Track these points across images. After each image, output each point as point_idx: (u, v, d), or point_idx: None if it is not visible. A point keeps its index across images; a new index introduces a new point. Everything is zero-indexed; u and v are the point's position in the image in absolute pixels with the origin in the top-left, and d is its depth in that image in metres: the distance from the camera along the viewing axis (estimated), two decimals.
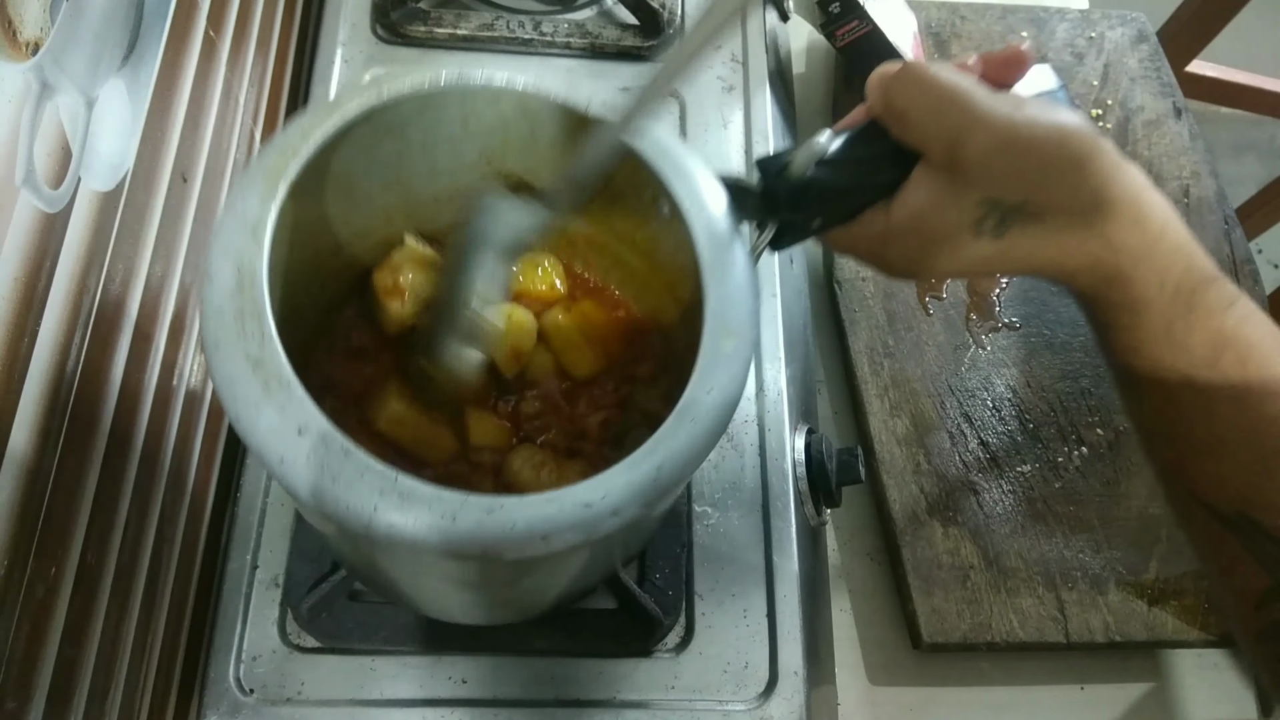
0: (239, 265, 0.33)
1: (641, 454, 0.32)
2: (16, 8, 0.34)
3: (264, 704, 0.50)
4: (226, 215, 0.34)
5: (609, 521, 0.31)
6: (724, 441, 0.59)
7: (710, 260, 0.36)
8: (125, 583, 0.44)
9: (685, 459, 0.32)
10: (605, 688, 0.52)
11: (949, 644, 0.60)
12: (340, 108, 0.38)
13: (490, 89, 0.40)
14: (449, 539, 0.30)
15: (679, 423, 0.33)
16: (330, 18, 0.71)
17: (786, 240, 0.41)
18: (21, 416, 0.34)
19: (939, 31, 0.86)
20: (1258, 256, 0.82)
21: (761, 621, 0.54)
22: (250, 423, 0.31)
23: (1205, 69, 1.36)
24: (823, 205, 0.39)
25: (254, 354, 0.31)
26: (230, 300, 0.32)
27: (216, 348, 0.32)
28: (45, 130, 0.36)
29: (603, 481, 0.31)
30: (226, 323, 0.32)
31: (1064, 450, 0.67)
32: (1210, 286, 0.37)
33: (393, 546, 0.31)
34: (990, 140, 0.35)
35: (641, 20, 0.73)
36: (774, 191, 0.39)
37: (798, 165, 0.38)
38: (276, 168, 0.35)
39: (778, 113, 0.73)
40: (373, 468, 0.30)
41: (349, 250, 0.46)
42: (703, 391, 0.33)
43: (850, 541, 0.67)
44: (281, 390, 0.31)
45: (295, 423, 0.30)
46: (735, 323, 0.35)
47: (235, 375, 0.31)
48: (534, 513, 0.30)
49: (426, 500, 0.30)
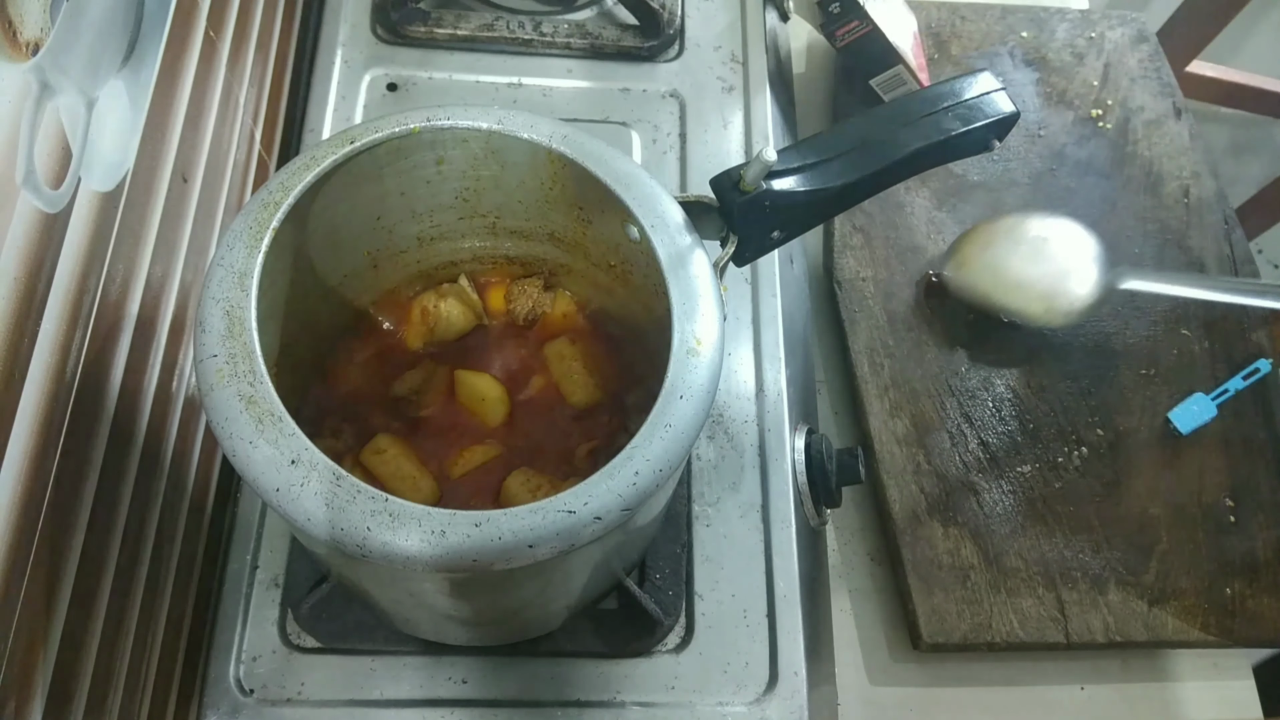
0: (228, 311, 0.35)
1: (619, 461, 0.34)
2: (17, 8, 0.34)
3: (264, 704, 0.50)
4: (215, 266, 0.37)
5: (592, 527, 0.32)
6: (724, 441, 0.59)
7: (674, 276, 0.38)
8: (125, 583, 0.44)
9: (661, 464, 0.34)
10: (605, 688, 0.52)
11: (949, 644, 0.60)
12: (315, 159, 0.40)
13: (458, 130, 0.42)
14: (440, 554, 0.31)
15: (653, 430, 0.34)
16: (330, 18, 0.71)
17: (749, 254, 0.43)
18: (21, 417, 0.34)
19: (939, 31, 0.86)
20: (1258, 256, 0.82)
21: (761, 622, 0.54)
22: (245, 457, 0.32)
23: (1205, 69, 1.36)
24: (778, 216, 0.41)
25: (246, 392, 0.33)
26: (222, 345, 0.34)
27: (210, 390, 0.34)
28: (45, 131, 0.36)
29: (584, 489, 0.33)
30: (219, 366, 0.34)
31: (1064, 451, 0.67)
32: None
33: (390, 567, 0.33)
34: None
35: (641, 20, 0.73)
36: (729, 206, 0.40)
37: (748, 180, 0.40)
38: (260, 220, 0.37)
39: (778, 113, 0.73)
40: (364, 491, 0.32)
41: (340, 293, 0.49)
42: (674, 399, 0.35)
43: (850, 542, 0.67)
44: (273, 425, 0.33)
45: (289, 455, 0.32)
46: (701, 333, 0.37)
47: (229, 414, 0.33)
48: (519, 523, 0.32)
49: (416, 518, 0.32)
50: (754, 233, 0.41)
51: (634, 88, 0.72)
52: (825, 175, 0.41)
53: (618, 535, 0.37)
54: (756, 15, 0.76)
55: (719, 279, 0.40)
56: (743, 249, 0.42)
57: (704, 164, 0.69)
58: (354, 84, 0.69)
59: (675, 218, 0.40)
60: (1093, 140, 0.82)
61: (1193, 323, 0.73)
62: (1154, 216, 0.78)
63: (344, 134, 0.41)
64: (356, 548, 0.31)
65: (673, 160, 0.69)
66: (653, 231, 0.39)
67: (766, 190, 0.40)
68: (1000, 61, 0.85)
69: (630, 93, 0.72)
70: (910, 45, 0.78)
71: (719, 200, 0.41)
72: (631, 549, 0.52)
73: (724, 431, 0.60)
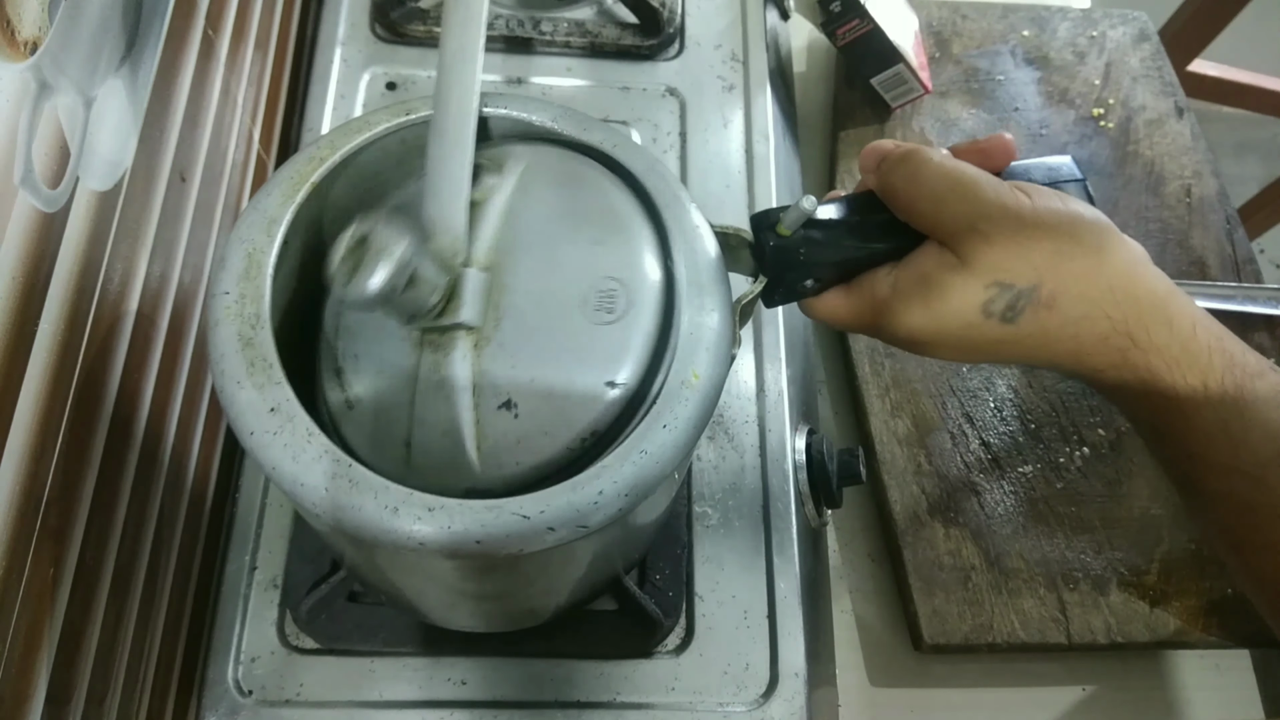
0: (249, 253, 0.35)
1: (586, 477, 0.32)
2: (15, 7, 0.34)
3: (263, 705, 0.50)
4: (249, 209, 0.36)
5: (545, 537, 0.31)
6: (724, 441, 0.59)
7: (688, 301, 0.36)
8: (124, 583, 0.44)
9: (627, 488, 0.32)
10: (605, 689, 0.52)
11: (950, 645, 0.60)
12: (370, 123, 0.39)
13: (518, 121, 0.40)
14: (379, 531, 0.31)
15: (628, 452, 0.32)
16: (329, 17, 0.71)
17: (778, 298, 0.41)
18: (19, 417, 0.34)
19: (940, 30, 0.86)
20: (1260, 256, 0.82)
21: (762, 623, 0.54)
22: (230, 395, 0.32)
23: (1207, 68, 1.36)
24: (814, 267, 0.39)
25: (246, 334, 0.33)
26: (236, 284, 0.34)
27: (215, 325, 0.33)
28: (43, 130, 0.36)
29: (543, 497, 0.31)
30: (228, 304, 0.34)
31: (1066, 451, 0.67)
32: (1259, 380, 0.34)
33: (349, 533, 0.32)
34: (999, 228, 0.34)
35: (641, 19, 0.72)
36: (763, 247, 0.39)
37: (785, 224, 0.38)
38: (302, 172, 0.37)
39: (778, 112, 0.73)
40: (330, 452, 0.31)
41: None
42: (657, 426, 0.33)
43: (851, 542, 0.67)
44: (263, 371, 0.32)
45: (270, 402, 0.32)
46: (700, 365, 0.34)
47: (226, 351, 0.33)
48: (472, 518, 0.31)
49: (374, 489, 0.31)
50: (786, 277, 0.40)
51: (634, 86, 0.72)
52: (866, 234, 0.39)
53: (591, 544, 0.37)
54: (757, 14, 0.76)
55: (737, 317, 0.38)
56: (771, 290, 0.40)
57: (704, 163, 0.69)
58: (353, 82, 0.69)
59: (706, 245, 0.38)
60: (1094, 139, 0.81)
61: None
62: (1155, 216, 0.78)
63: (401, 104, 0.40)
64: (312, 505, 0.31)
65: (673, 159, 0.69)
66: (678, 254, 0.37)
67: (803, 238, 0.38)
68: (1001, 60, 0.85)
69: (630, 91, 0.71)
70: (911, 44, 0.78)
71: (755, 237, 0.39)
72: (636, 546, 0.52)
73: (724, 431, 0.59)
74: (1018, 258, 0.35)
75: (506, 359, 0.34)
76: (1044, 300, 0.35)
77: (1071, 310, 0.35)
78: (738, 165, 0.69)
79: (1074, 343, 0.36)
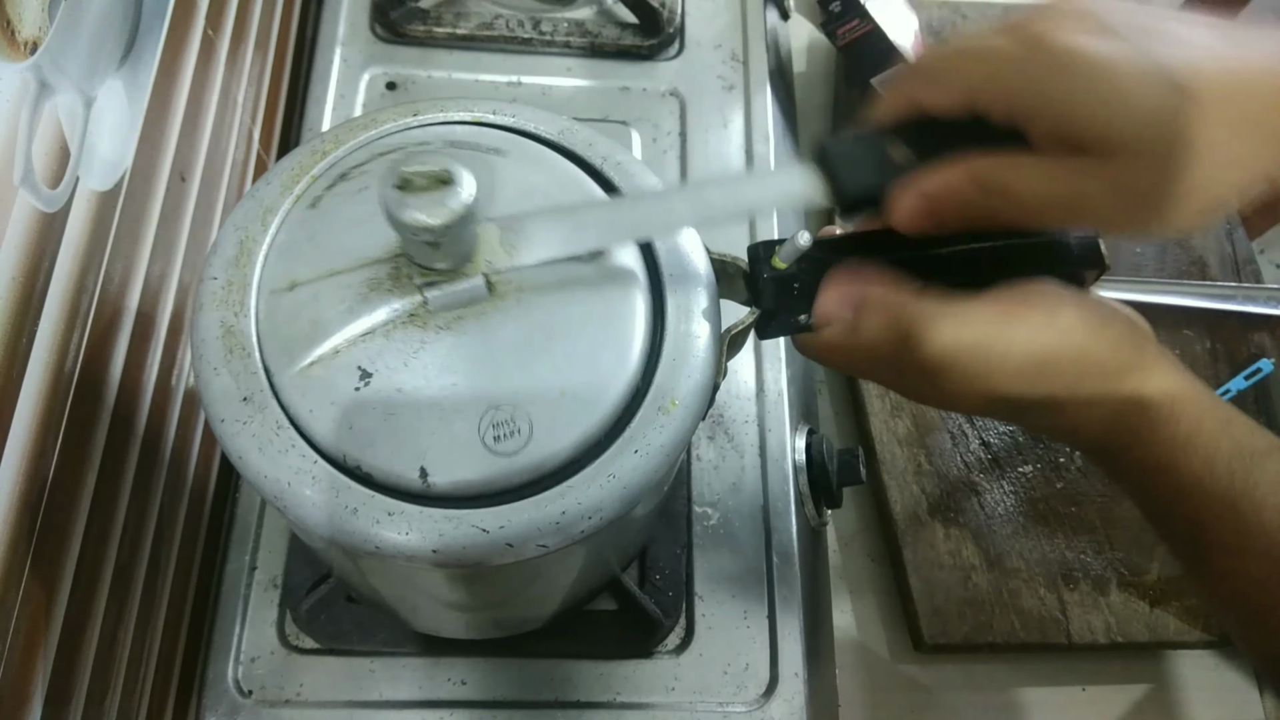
0: (242, 240, 0.34)
1: (550, 496, 0.31)
2: (15, 7, 0.34)
3: (263, 705, 0.50)
4: (247, 197, 0.36)
5: (504, 553, 0.31)
6: (724, 442, 0.59)
7: (674, 328, 0.35)
8: (124, 583, 0.44)
9: (591, 510, 0.31)
10: (605, 689, 0.52)
11: (950, 645, 0.60)
12: (375, 120, 0.39)
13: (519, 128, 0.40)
14: (336, 531, 0.31)
15: (596, 474, 0.32)
16: (329, 17, 0.71)
17: (771, 330, 0.40)
18: (19, 416, 0.34)
19: (940, 30, 0.86)
20: (1260, 256, 0.81)
21: (762, 623, 0.54)
22: (206, 381, 0.32)
23: None
24: (806, 302, 0.38)
25: (229, 321, 0.33)
26: (224, 270, 0.34)
27: (200, 309, 0.33)
28: (43, 130, 0.36)
29: (504, 512, 0.31)
30: (215, 289, 0.33)
31: (1066, 451, 0.67)
32: (1268, 459, 0.34)
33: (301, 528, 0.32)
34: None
35: (641, 19, 0.72)
36: (756, 277, 0.38)
37: (781, 257, 0.37)
38: (303, 164, 0.37)
39: (778, 112, 0.73)
40: (297, 448, 0.31)
41: None
42: (628, 450, 0.32)
43: (851, 542, 0.67)
44: (240, 359, 0.32)
45: (243, 391, 0.32)
46: (679, 393, 0.34)
47: (207, 336, 0.32)
48: (430, 527, 0.30)
49: (336, 488, 0.31)
50: (779, 310, 0.39)
51: (634, 86, 0.72)
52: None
53: (567, 558, 0.36)
54: (757, 14, 0.76)
55: (725, 347, 0.37)
56: (765, 323, 0.39)
57: (704, 163, 0.69)
58: (353, 82, 0.69)
59: (699, 270, 0.37)
60: None
61: (1195, 323, 0.73)
62: None
63: (408, 105, 0.39)
64: (274, 498, 0.31)
65: (673, 159, 0.69)
66: (669, 280, 0.36)
67: (797, 273, 0.37)
68: None
69: (630, 91, 0.71)
70: (912, 44, 0.78)
71: (750, 268, 0.38)
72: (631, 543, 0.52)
73: (724, 432, 0.59)
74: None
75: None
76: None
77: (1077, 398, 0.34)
78: (738, 165, 0.69)
79: (1072, 424, 0.35)
